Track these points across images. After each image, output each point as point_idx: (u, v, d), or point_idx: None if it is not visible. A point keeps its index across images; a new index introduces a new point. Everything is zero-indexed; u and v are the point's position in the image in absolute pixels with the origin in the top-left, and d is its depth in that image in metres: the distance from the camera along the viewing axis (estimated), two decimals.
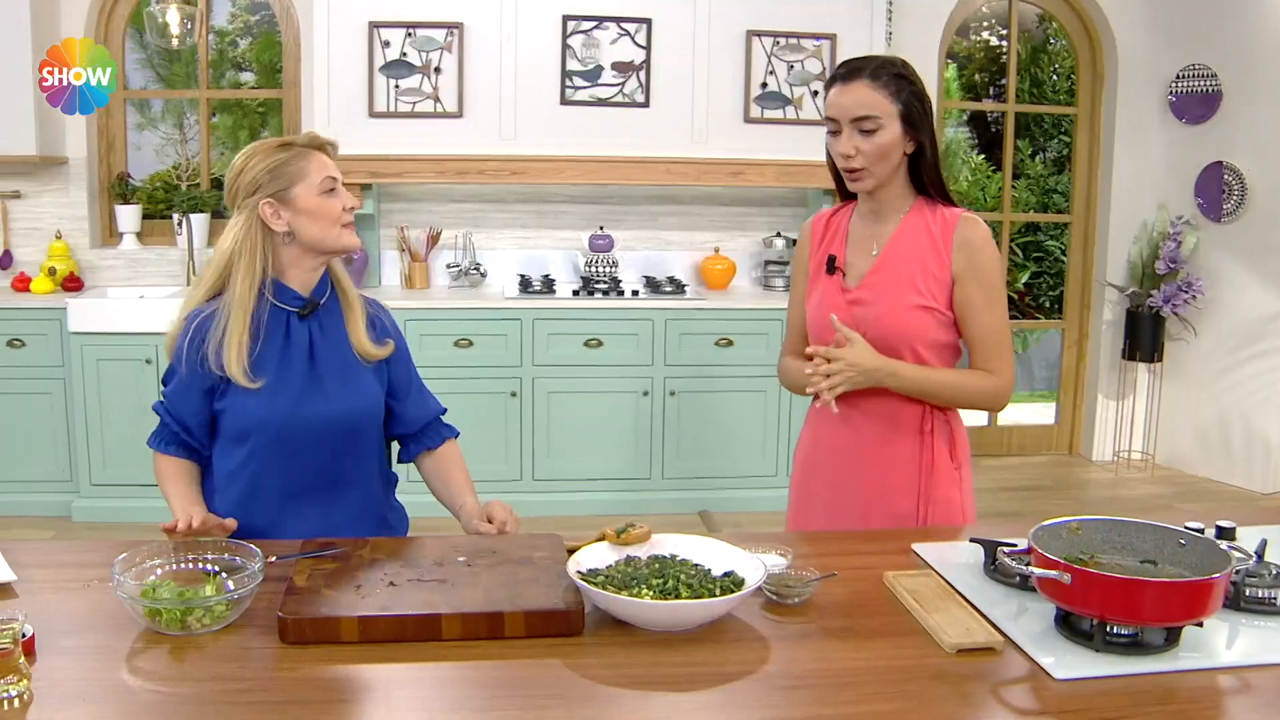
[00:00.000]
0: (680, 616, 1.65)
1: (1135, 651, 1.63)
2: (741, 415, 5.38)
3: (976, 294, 2.30)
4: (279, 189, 2.22)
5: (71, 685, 1.53)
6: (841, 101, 2.26)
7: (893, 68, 2.28)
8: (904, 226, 2.34)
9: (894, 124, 2.24)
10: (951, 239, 2.30)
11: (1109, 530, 1.85)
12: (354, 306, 2.36)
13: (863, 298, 2.34)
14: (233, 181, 2.27)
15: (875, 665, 1.61)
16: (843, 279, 2.39)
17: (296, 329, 2.29)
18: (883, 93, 2.24)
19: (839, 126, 2.28)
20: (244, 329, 2.21)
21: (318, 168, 2.25)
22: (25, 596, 1.86)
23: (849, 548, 2.11)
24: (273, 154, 2.24)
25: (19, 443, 5.23)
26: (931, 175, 2.33)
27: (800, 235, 2.56)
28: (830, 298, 2.39)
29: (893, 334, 2.30)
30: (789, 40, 5.41)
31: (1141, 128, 6.12)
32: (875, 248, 2.36)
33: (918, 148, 2.29)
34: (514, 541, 1.99)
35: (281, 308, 2.28)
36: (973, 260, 2.29)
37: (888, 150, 2.26)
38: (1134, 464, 6.24)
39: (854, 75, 2.26)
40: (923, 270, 2.30)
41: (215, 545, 1.86)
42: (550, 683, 1.56)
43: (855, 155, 2.26)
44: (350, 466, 2.33)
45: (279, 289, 2.27)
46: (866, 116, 2.23)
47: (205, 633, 1.68)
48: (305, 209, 2.23)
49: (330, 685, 1.55)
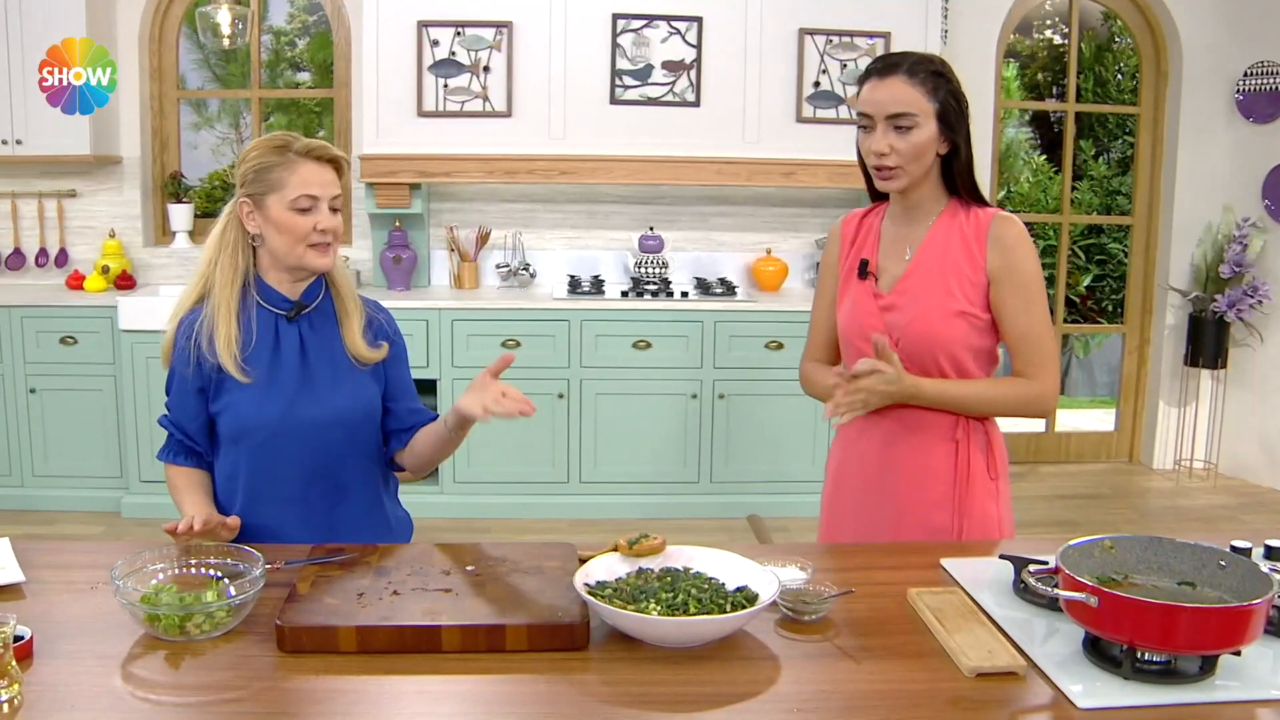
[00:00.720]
0: (687, 633, 1.60)
1: (1168, 680, 1.54)
2: (791, 419, 5.30)
3: (1012, 295, 2.21)
4: (256, 192, 2.20)
5: (64, 691, 1.51)
6: (876, 97, 2.18)
7: (930, 65, 2.19)
8: (937, 228, 2.26)
9: (930, 123, 2.17)
10: (985, 238, 2.21)
11: (1145, 549, 1.76)
12: (350, 307, 2.31)
13: (896, 303, 2.27)
14: (236, 167, 2.26)
15: (888, 688, 1.54)
16: (875, 284, 2.31)
17: (285, 331, 2.26)
18: (920, 90, 2.16)
19: (872, 123, 2.20)
20: (230, 321, 2.19)
21: (299, 181, 2.18)
22: (32, 598, 1.85)
23: (875, 561, 2.04)
24: (267, 154, 2.20)
25: (71, 439, 5.31)
26: (965, 178, 2.24)
27: (829, 236, 2.49)
28: (862, 303, 2.31)
29: (927, 340, 2.22)
30: (842, 38, 5.32)
31: (1207, 127, 5.94)
32: (908, 251, 2.29)
33: (952, 149, 2.21)
34: (526, 550, 1.94)
35: (268, 309, 2.25)
36: (1007, 259, 2.20)
37: (922, 149, 2.18)
38: (1196, 473, 6.06)
39: (890, 70, 2.18)
40: (956, 273, 2.22)
41: (219, 550, 1.84)
42: (550, 699, 1.51)
43: (889, 154, 2.18)
44: (348, 469, 2.30)
45: (262, 288, 2.25)
46: (902, 114, 2.16)
47: (205, 639, 1.66)
48: (273, 220, 2.19)
49: (325, 697, 1.52)
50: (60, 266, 5.73)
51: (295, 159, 2.19)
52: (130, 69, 5.67)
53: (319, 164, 2.22)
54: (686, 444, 5.30)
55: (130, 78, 5.68)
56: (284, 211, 2.17)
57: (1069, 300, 8.18)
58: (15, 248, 5.72)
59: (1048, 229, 7.45)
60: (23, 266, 5.73)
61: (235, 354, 2.17)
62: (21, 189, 5.69)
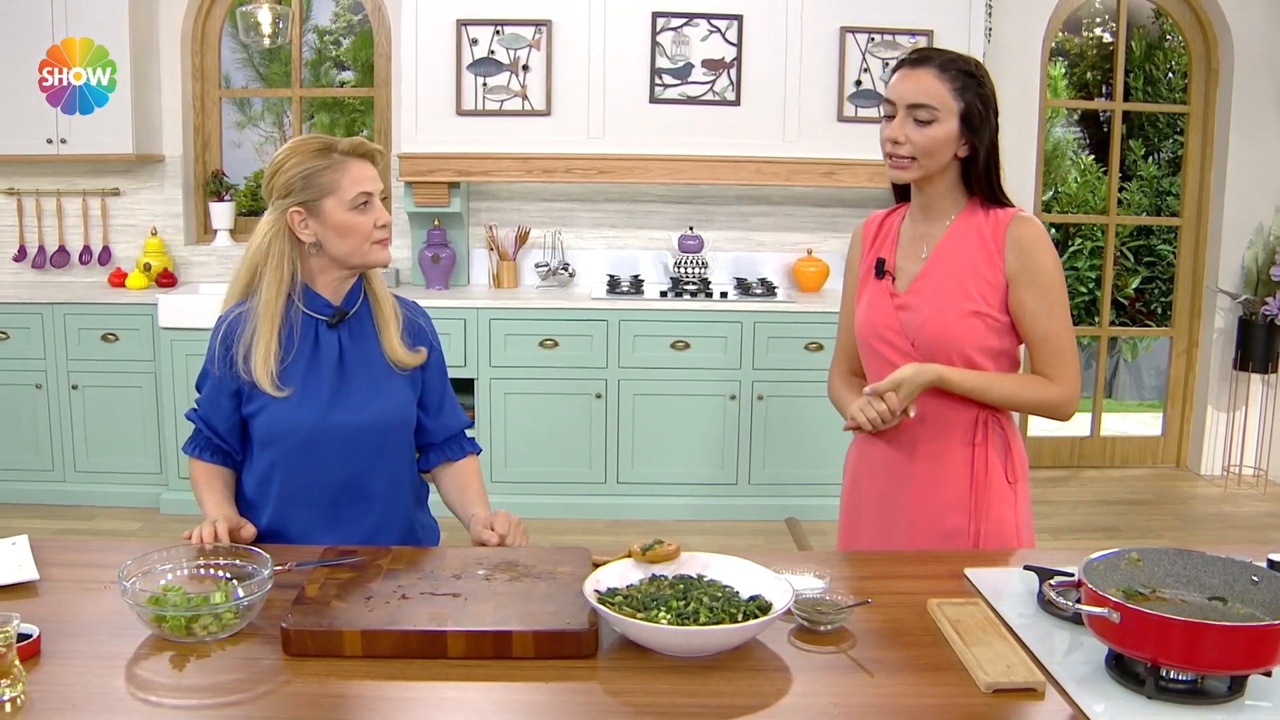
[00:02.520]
0: (695, 643, 1.56)
1: (1194, 700, 1.49)
2: (830, 421, 5.16)
3: (1031, 297, 2.16)
4: (309, 199, 2.16)
5: (67, 691, 1.51)
6: (902, 87, 2.15)
7: (964, 64, 2.16)
8: (954, 228, 2.22)
9: (951, 121, 2.12)
10: (1004, 239, 2.17)
11: (1174, 562, 1.70)
12: (387, 313, 2.29)
13: (910, 303, 2.23)
14: (269, 177, 2.21)
15: (901, 703, 1.50)
16: (891, 283, 2.27)
17: (325, 337, 2.24)
18: (947, 86, 2.12)
19: (894, 110, 2.17)
20: (272, 336, 2.17)
21: (352, 181, 2.17)
22: (44, 596, 1.85)
23: (896, 570, 2.00)
24: (310, 159, 2.17)
25: (111, 435, 5.36)
26: (982, 183, 2.20)
27: (851, 238, 2.45)
28: (878, 302, 2.28)
29: (941, 340, 2.18)
30: (884, 37, 5.26)
31: (1258, 126, 5.81)
32: (925, 250, 2.25)
33: (972, 152, 2.16)
34: (539, 554, 1.91)
35: (311, 315, 2.23)
36: (1026, 261, 2.15)
37: (938, 146, 2.14)
38: (1245, 480, 5.92)
39: (922, 63, 2.15)
40: (973, 273, 2.18)
41: (228, 551, 1.83)
42: (555, 709, 1.49)
43: (903, 143, 2.15)
44: (379, 477, 2.27)
45: (309, 296, 2.23)
46: (923, 105, 2.12)
47: (211, 640, 1.65)
48: (334, 224, 2.17)
49: (329, 702, 1.51)
50: (103, 264, 5.79)
51: (342, 159, 2.18)
52: (173, 68, 5.72)
53: (364, 161, 2.21)
54: (725, 445, 5.26)
55: (173, 77, 5.73)
56: (344, 213, 2.16)
57: (1117, 302, 8.05)
58: (60, 245, 5.79)
59: (1095, 230, 7.32)
60: (67, 264, 5.79)
61: (272, 371, 2.15)
62: (66, 187, 5.75)
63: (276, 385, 2.16)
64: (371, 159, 2.23)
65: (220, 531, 1.99)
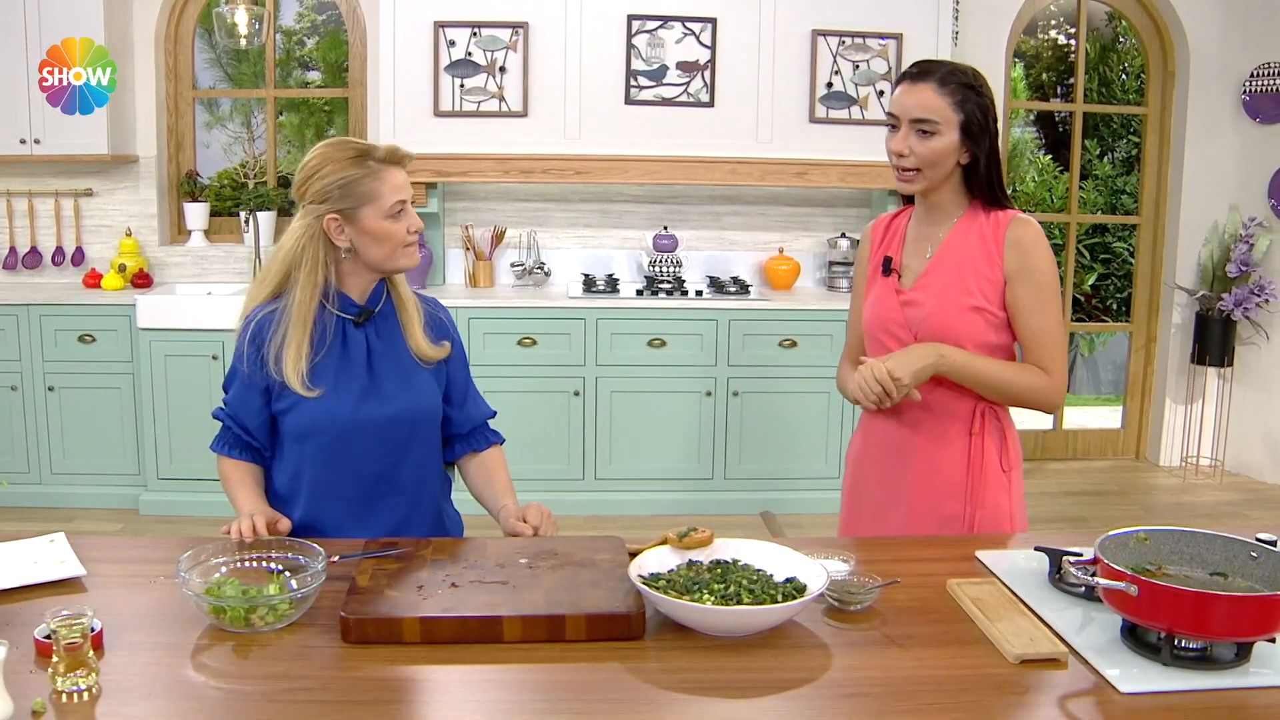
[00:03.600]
0: (743, 623, 1.65)
1: (1204, 666, 1.61)
2: (805, 417, 5.36)
3: (1026, 294, 2.28)
4: (347, 207, 2.20)
5: (138, 680, 1.56)
6: (905, 101, 2.27)
7: (963, 76, 2.27)
8: (957, 230, 2.34)
9: (952, 132, 2.24)
10: (1004, 239, 2.29)
11: (1177, 541, 1.82)
12: (410, 310, 2.35)
13: (915, 299, 2.35)
14: (303, 180, 2.24)
15: (937, 674, 1.60)
16: (898, 280, 2.39)
17: (353, 336, 2.30)
18: (947, 100, 2.23)
19: (898, 124, 2.28)
20: (304, 338, 2.22)
21: (391, 189, 2.21)
22: (94, 591, 1.90)
23: (910, 554, 2.10)
24: (348, 167, 2.20)
25: (89, 436, 5.35)
26: (983, 189, 2.32)
27: (861, 238, 2.57)
28: (885, 298, 2.40)
29: (944, 333, 2.30)
30: (855, 40, 5.38)
31: (1213, 127, 6.00)
32: (929, 250, 2.37)
33: (973, 160, 2.28)
34: (576, 544, 2.00)
35: (340, 316, 2.29)
36: (1024, 260, 2.28)
37: (940, 156, 2.25)
38: (1202, 470, 6.12)
39: (923, 77, 2.26)
40: (974, 272, 2.30)
41: (279, 544, 1.89)
42: (611, 686, 1.57)
43: (908, 155, 2.27)
44: (409, 469, 2.34)
45: (339, 298, 2.29)
46: (926, 119, 2.24)
47: (268, 630, 1.71)
48: (370, 231, 2.21)
49: (391, 685, 1.57)
50: (76, 265, 5.77)
51: (379, 167, 2.21)
52: (147, 69, 5.72)
53: (398, 168, 2.25)
54: (701, 441, 5.36)
55: (147, 77, 5.73)
56: (380, 221, 2.20)
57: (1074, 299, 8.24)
58: (32, 246, 5.76)
59: (1054, 228, 7.50)
60: (39, 265, 5.77)
61: (303, 372, 2.20)
62: (38, 188, 5.73)
63: (307, 386, 2.21)
64: (403, 164, 2.28)
65: (259, 525, 2.05)
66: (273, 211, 5.86)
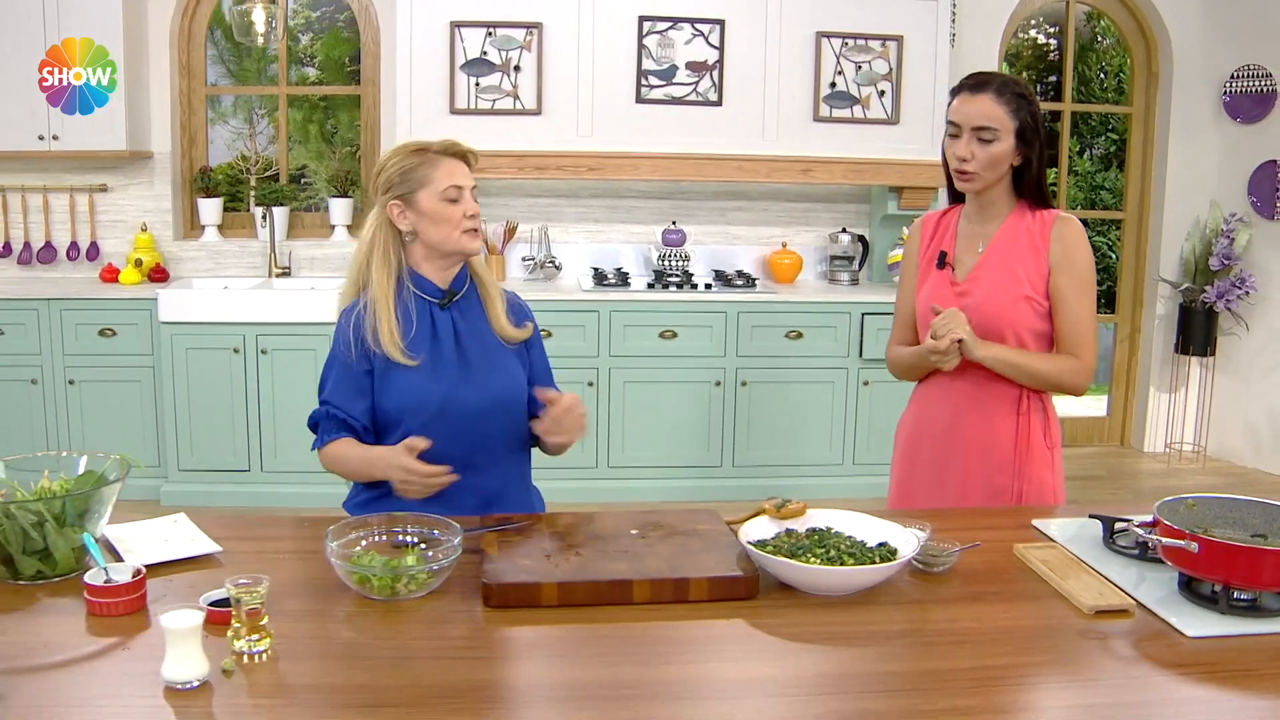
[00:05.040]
0: (849, 581, 1.85)
1: (1255, 614, 1.81)
2: (811, 406, 5.56)
3: (1067, 284, 2.51)
4: (406, 191, 2.42)
5: (303, 643, 1.72)
6: (966, 110, 2.48)
7: (1016, 87, 2.49)
8: (1006, 227, 2.56)
9: (1009, 138, 2.47)
10: (1049, 234, 2.52)
11: (1221, 507, 2.03)
12: (493, 293, 2.55)
13: (969, 289, 2.57)
14: (374, 176, 2.49)
15: (1022, 624, 1.80)
16: (952, 273, 2.60)
17: (440, 318, 2.48)
18: (1005, 109, 2.46)
19: (959, 131, 2.49)
20: (390, 315, 2.41)
21: (445, 174, 2.42)
22: (230, 566, 2.04)
23: (971, 523, 2.29)
24: (407, 157, 2.43)
25: (109, 429, 5.43)
26: (1033, 188, 2.54)
27: (910, 233, 2.78)
28: (939, 289, 2.61)
29: (996, 321, 2.52)
30: (857, 41, 5.58)
31: (1195, 126, 6.26)
32: (981, 245, 2.59)
33: (1024, 162, 2.50)
34: (678, 516, 2.19)
35: (424, 298, 2.47)
36: (1067, 253, 2.51)
37: (999, 159, 2.48)
38: (1185, 456, 6.38)
39: (981, 88, 2.47)
40: (1023, 264, 2.53)
41: (415, 519, 2.04)
42: (732, 639, 1.76)
43: (970, 160, 2.48)
44: (501, 446, 2.51)
45: (417, 279, 2.47)
46: (986, 127, 2.46)
47: (410, 598, 1.87)
48: (427, 213, 2.41)
49: (533, 643, 1.75)
50: (91, 260, 5.86)
51: (436, 157, 2.44)
52: (161, 66, 5.82)
53: (456, 159, 2.47)
54: (710, 430, 5.55)
55: (161, 74, 5.83)
56: (435, 203, 2.40)
57: None
58: (46, 241, 5.85)
59: None
60: (54, 260, 5.86)
61: (398, 342, 2.39)
62: (53, 183, 5.82)
63: (406, 354, 2.39)
64: (464, 159, 2.49)
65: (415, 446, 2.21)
66: (286, 207, 5.99)
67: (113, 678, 1.60)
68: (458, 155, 2.48)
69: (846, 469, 5.57)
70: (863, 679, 1.64)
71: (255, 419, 5.34)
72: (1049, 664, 1.67)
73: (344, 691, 1.58)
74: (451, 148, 2.48)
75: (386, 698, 1.55)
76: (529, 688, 1.62)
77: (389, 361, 2.41)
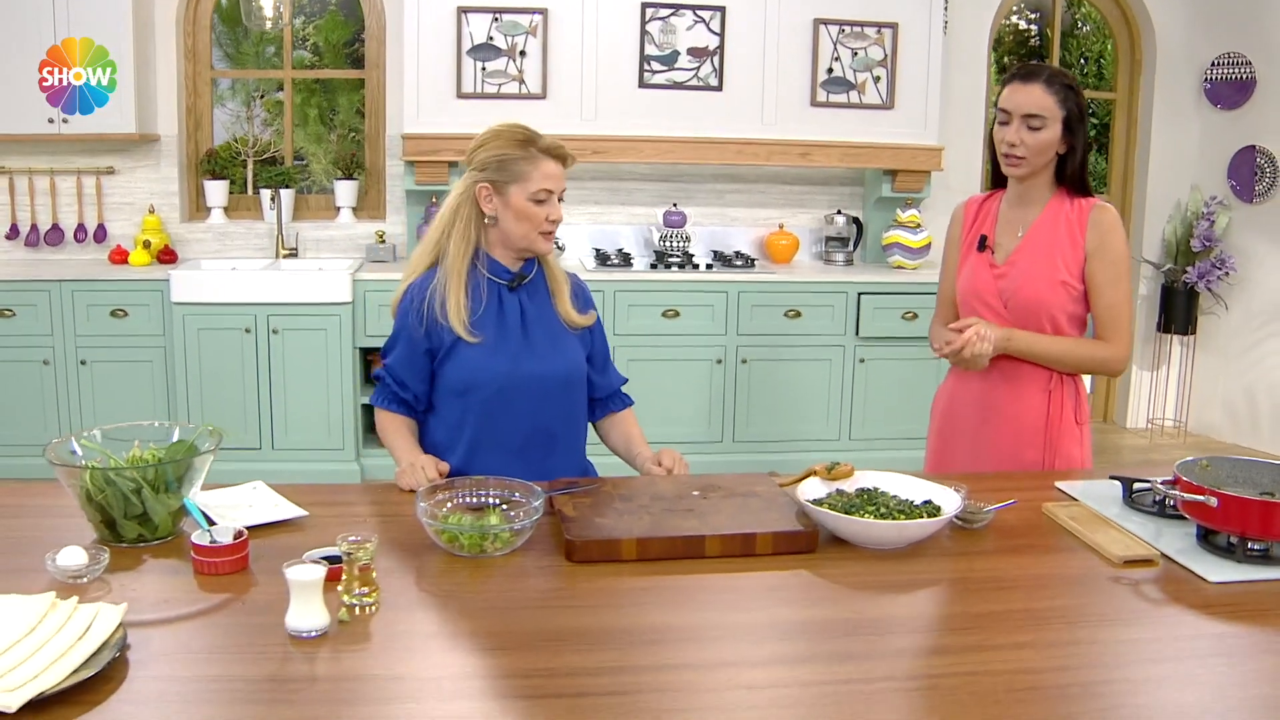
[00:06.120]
0: (902, 534, 2.02)
1: (1268, 562, 2.00)
2: (809, 383, 5.73)
3: (1102, 270, 2.66)
4: (499, 180, 2.51)
5: (404, 595, 1.86)
6: (1016, 98, 2.62)
7: (1064, 78, 2.64)
8: (1046, 213, 2.71)
9: (1056, 126, 2.61)
10: (1086, 222, 2.67)
11: (1232, 467, 2.22)
12: (560, 280, 2.67)
13: (1008, 273, 2.72)
14: (473, 148, 2.55)
15: (1059, 573, 1.99)
16: (992, 256, 2.75)
17: (508, 299, 2.60)
18: (1053, 98, 2.60)
19: (1009, 119, 2.64)
20: (460, 289, 2.53)
21: (541, 176, 2.51)
22: (316, 530, 2.16)
23: (998, 485, 2.45)
24: (511, 146, 2.51)
25: (121, 409, 5.48)
26: (1075, 175, 2.69)
27: (953, 215, 2.94)
28: (980, 271, 2.76)
29: (1034, 304, 2.67)
30: (853, 28, 5.74)
31: (1177, 113, 6.48)
32: (1021, 230, 2.74)
33: (1069, 149, 2.65)
34: (732, 480, 2.35)
35: (493, 280, 2.59)
36: (1104, 240, 2.66)
37: (1046, 146, 2.63)
38: (1167, 431, 6.61)
39: (1032, 78, 2.62)
40: (1061, 250, 2.68)
41: (497, 482, 2.18)
42: (797, 588, 1.92)
43: (1019, 145, 2.63)
44: (560, 422, 2.65)
45: (490, 262, 2.59)
46: (1035, 115, 2.60)
47: (496, 555, 2.02)
48: (514, 208, 2.51)
49: (615, 592, 1.90)
50: (99, 242, 5.94)
51: (538, 155, 2.52)
52: (168, 49, 5.91)
53: (556, 161, 2.55)
54: (711, 406, 5.72)
55: (168, 58, 5.92)
56: (523, 202, 2.50)
57: None
58: (54, 223, 5.93)
59: None
60: (61, 242, 5.94)
61: (464, 319, 2.51)
62: (60, 166, 5.90)
63: (470, 332, 2.51)
64: (563, 161, 2.57)
65: (442, 469, 2.36)
66: (293, 190, 6.09)
67: (237, 629, 1.73)
68: (559, 157, 2.56)
69: (843, 444, 5.75)
70: (926, 620, 1.82)
71: (267, 398, 5.45)
72: (1089, 605, 1.85)
73: (452, 637, 1.74)
74: (555, 149, 2.55)
75: (492, 642, 1.70)
76: (620, 631, 1.77)
77: (455, 337, 2.53)
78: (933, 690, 1.56)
